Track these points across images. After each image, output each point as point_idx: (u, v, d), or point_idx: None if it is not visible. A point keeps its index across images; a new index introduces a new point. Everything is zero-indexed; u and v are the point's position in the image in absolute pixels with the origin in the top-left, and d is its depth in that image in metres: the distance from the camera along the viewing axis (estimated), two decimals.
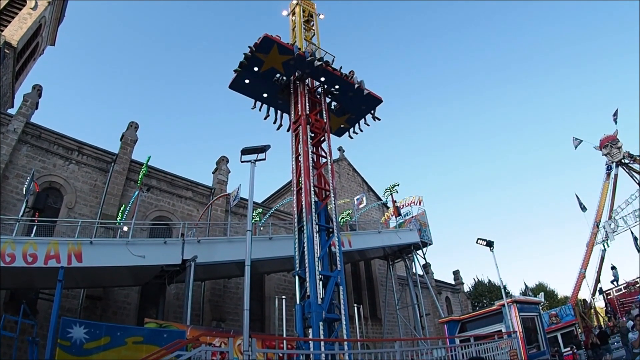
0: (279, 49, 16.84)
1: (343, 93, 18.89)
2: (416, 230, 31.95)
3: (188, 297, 16.26)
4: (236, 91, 18.60)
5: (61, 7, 30.69)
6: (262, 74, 17.71)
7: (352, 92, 18.76)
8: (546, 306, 41.42)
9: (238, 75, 17.71)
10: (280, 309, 18.13)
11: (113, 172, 22.94)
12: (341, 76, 18.29)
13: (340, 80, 18.39)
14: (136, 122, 25.00)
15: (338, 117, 20.29)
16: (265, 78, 17.96)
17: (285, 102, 18.88)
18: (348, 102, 19.30)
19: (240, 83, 18.04)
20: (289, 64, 17.45)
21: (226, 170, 28.01)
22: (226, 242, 19.54)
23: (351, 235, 26.25)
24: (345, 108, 19.70)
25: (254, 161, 9.53)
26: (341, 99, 19.26)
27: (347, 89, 18.71)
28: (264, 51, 16.82)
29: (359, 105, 19.60)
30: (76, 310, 19.04)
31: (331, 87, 18.74)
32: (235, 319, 23.40)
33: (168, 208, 24.50)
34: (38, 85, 22.90)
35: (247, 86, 18.19)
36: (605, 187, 33.22)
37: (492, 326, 19.30)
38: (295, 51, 17.06)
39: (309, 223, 14.78)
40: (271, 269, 24.14)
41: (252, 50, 16.83)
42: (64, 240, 16.10)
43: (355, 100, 19.18)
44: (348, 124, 20.93)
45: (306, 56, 17.31)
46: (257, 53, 16.91)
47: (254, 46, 16.77)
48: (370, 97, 19.21)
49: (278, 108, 19.57)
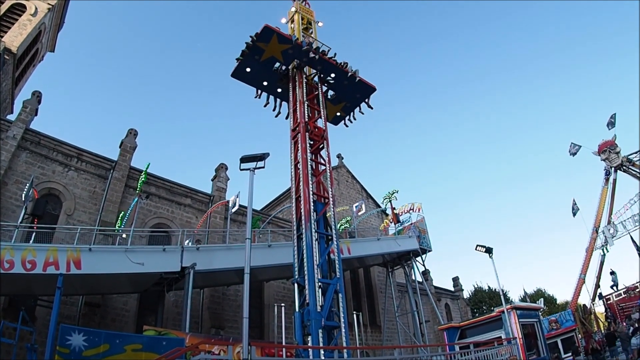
0: (278, 39, 17.67)
1: (338, 81, 19.66)
2: (415, 237, 31.92)
3: (187, 304, 16.24)
4: (238, 79, 19.17)
5: (61, 13, 30.86)
6: (263, 63, 18.48)
7: (346, 81, 19.52)
8: (546, 312, 41.32)
9: (240, 63, 18.44)
10: (279, 317, 18.08)
11: (112, 179, 22.94)
12: (336, 65, 19.04)
13: (335, 68, 19.11)
14: (135, 129, 25.04)
15: (334, 105, 20.99)
16: (265, 67, 18.73)
17: (285, 91, 19.57)
18: (343, 90, 20.07)
19: (242, 71, 18.74)
20: (288, 53, 18.25)
21: (225, 177, 28.03)
22: (225, 250, 19.53)
23: (350, 243, 26.24)
24: (340, 96, 20.50)
25: (253, 169, 9.55)
26: (337, 88, 20.06)
27: (342, 77, 19.42)
28: (264, 40, 17.62)
29: (353, 94, 20.36)
30: (75, 317, 18.99)
31: (327, 75, 19.51)
32: (234, 326, 23.32)
33: (167, 215, 24.49)
34: (37, 91, 22.98)
35: (248, 75, 18.92)
36: (604, 192, 33.27)
37: (492, 333, 19.30)
38: (294, 40, 17.97)
39: (307, 231, 14.77)
40: (270, 277, 24.09)
41: (253, 40, 17.65)
42: (63, 247, 16.09)
43: (350, 88, 19.95)
44: (344, 112, 21.57)
45: (303, 45, 18.22)
46: (258, 42, 17.70)
47: (255, 35, 17.60)
48: (364, 86, 20.01)
49: (277, 96, 20.20)
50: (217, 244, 23.08)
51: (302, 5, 22.04)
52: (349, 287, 32.09)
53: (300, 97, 18.23)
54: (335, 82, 19.70)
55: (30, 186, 17.30)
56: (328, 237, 16.10)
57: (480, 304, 58.35)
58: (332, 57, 19.14)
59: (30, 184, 17.41)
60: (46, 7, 27.95)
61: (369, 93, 20.50)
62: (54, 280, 13.42)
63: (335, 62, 19.06)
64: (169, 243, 22.29)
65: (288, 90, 19.17)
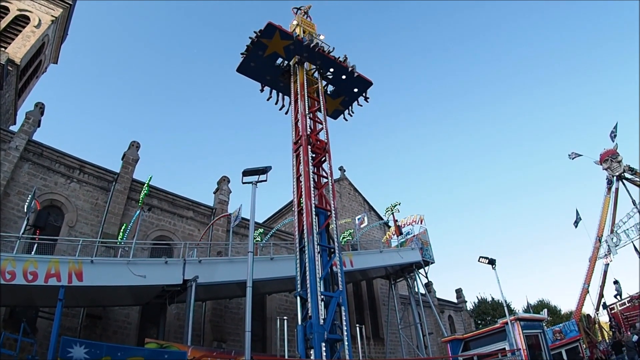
0: (280, 35, 18.67)
1: (337, 76, 20.60)
2: (418, 249, 31.78)
3: (189, 317, 16.09)
4: (243, 74, 20.08)
5: (64, 25, 31.04)
6: (266, 58, 19.49)
7: (345, 75, 20.46)
8: (550, 322, 40.92)
9: (245, 58, 19.39)
10: (282, 330, 17.97)
11: (114, 191, 22.95)
12: (335, 60, 19.98)
13: (334, 63, 20.05)
14: (138, 141, 25.12)
15: (333, 99, 21.95)
16: (268, 62, 19.75)
17: (286, 85, 20.49)
18: (342, 84, 21.01)
19: (247, 66, 19.70)
20: (290, 49, 19.30)
21: (227, 190, 28.02)
22: (227, 263, 19.47)
23: (353, 255, 26.16)
24: (339, 91, 21.48)
25: (255, 183, 9.54)
26: (335, 82, 21.03)
27: (341, 72, 20.35)
28: (267, 37, 18.61)
29: (351, 88, 21.27)
30: (76, 329, 18.85)
31: (326, 70, 20.43)
32: (236, 339, 23.12)
33: (169, 228, 24.43)
34: (40, 103, 23.07)
35: (252, 69, 19.91)
36: (607, 201, 33.11)
37: (496, 344, 19.12)
38: (294, 36, 18.96)
39: (310, 244, 14.75)
40: (273, 290, 24.02)
41: (257, 35, 18.56)
42: (65, 259, 16.03)
43: (349, 83, 20.87)
44: (342, 107, 22.46)
45: (304, 41, 19.11)
46: (262, 38, 18.66)
47: (258, 32, 18.51)
48: (362, 80, 20.85)
49: (279, 90, 21.17)
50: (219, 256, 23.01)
51: (304, 18, 22.31)
52: (352, 299, 31.90)
53: (302, 110, 18.41)
54: (334, 76, 20.65)
55: (32, 197, 17.27)
56: (330, 249, 16.06)
57: (484, 316, 57.86)
58: (331, 52, 20.04)
59: (32, 195, 17.38)
60: (50, 19, 28.15)
61: (366, 87, 21.43)
62: (55, 291, 13.30)
63: (333, 57, 19.99)
64: (171, 256, 22.16)
65: (289, 85, 20.10)
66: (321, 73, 20.49)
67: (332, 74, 20.61)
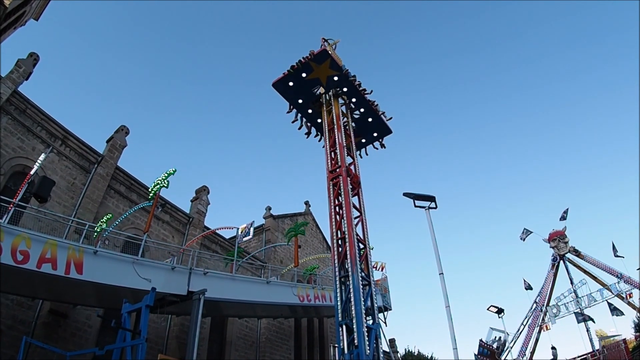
0: (330, 64, 17.77)
1: (364, 118, 20.17)
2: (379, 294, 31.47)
3: (195, 333, 14.28)
4: (276, 89, 18.85)
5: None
6: (306, 82, 18.53)
7: (371, 118, 20.10)
8: None
9: (287, 75, 18.23)
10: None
11: (95, 175, 20.51)
12: (370, 103, 19.65)
13: (367, 104, 19.62)
14: (127, 126, 22.79)
15: None
16: (306, 86, 18.75)
17: (315, 113, 19.76)
18: (365, 126, 20.51)
19: (284, 84, 18.52)
20: (333, 80, 18.48)
21: (206, 201, 26.17)
22: (230, 280, 17.72)
23: None
24: (359, 131, 20.86)
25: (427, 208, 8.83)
26: (359, 123, 20.51)
27: (369, 115, 19.99)
28: (317, 61, 17.66)
29: (372, 132, 20.87)
30: (30, 324, 15.88)
31: (357, 109, 20.01)
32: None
33: (144, 227, 21.93)
34: (34, 53, 20.43)
35: (288, 88, 18.74)
36: (550, 276, 35.59)
37: None
38: (343, 69, 18.27)
39: (355, 274, 14.13)
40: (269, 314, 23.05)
41: (309, 58, 17.64)
42: (65, 243, 13.63)
43: (371, 126, 20.49)
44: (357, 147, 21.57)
45: (349, 75, 18.52)
46: (311, 62, 17.69)
47: (311, 54, 17.64)
48: (384, 126, 20.55)
49: (306, 117, 20.20)
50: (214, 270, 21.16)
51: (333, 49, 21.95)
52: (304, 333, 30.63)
53: (339, 140, 17.79)
54: (361, 117, 20.20)
55: None
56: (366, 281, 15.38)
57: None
58: (368, 94, 19.68)
59: None
60: None
61: (385, 134, 21.11)
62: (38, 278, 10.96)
63: (370, 100, 19.67)
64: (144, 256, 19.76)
65: (318, 113, 19.59)
66: (351, 109, 20.08)
67: (360, 114, 20.17)
